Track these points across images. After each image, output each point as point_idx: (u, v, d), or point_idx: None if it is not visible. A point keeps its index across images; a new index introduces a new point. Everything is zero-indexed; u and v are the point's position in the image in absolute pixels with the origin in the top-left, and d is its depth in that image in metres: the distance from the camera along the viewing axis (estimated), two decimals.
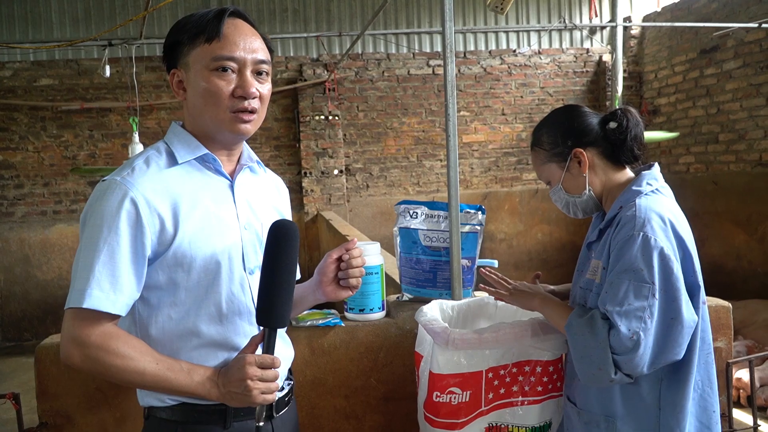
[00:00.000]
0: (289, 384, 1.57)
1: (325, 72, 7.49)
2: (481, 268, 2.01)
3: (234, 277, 1.42)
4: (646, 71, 8.00)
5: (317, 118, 7.50)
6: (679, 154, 7.42)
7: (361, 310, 2.05)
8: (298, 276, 1.70)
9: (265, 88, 1.42)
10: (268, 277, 1.31)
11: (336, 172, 7.62)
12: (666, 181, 1.71)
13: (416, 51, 7.84)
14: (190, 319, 1.38)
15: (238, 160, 1.50)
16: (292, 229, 1.33)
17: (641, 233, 1.52)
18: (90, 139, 7.27)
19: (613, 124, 1.70)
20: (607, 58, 8.05)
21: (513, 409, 1.76)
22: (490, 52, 7.98)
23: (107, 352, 1.29)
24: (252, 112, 1.40)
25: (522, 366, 1.75)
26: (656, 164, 1.74)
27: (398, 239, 2.22)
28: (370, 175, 7.88)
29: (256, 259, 1.45)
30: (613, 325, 1.48)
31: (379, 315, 2.08)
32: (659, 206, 1.58)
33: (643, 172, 1.70)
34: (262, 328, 1.35)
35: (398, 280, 2.30)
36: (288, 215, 1.64)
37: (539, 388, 1.77)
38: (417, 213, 2.19)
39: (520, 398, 1.77)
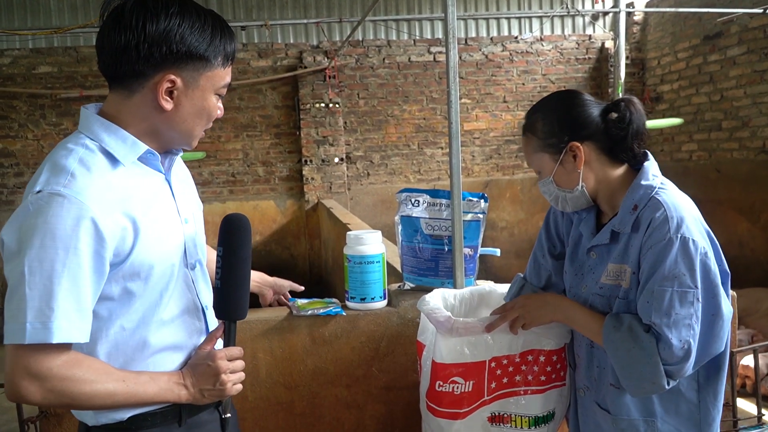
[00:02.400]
0: None
1: (326, 59, 7.44)
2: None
3: (180, 275, 1.36)
4: (649, 58, 7.94)
5: (317, 105, 7.46)
6: (681, 141, 7.38)
7: (363, 299, 2.04)
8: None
9: None
10: (226, 271, 1.31)
11: (336, 160, 7.59)
12: (668, 169, 1.65)
13: (417, 38, 7.78)
14: (144, 327, 1.31)
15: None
16: (245, 222, 1.35)
17: (678, 235, 1.44)
18: None
19: (613, 115, 1.59)
20: (609, 44, 7.99)
21: (516, 398, 1.75)
22: (491, 38, 7.92)
23: (72, 381, 1.19)
24: None
25: (525, 355, 1.73)
26: (650, 153, 1.64)
27: (400, 227, 2.20)
28: (371, 163, 7.84)
29: (196, 253, 1.42)
30: (660, 337, 1.43)
31: (380, 304, 2.07)
32: (682, 201, 1.52)
33: (645, 164, 1.60)
34: (220, 321, 1.36)
35: (399, 269, 2.29)
36: (197, 194, 1.57)
37: (542, 378, 1.75)
38: (419, 201, 2.17)
39: (523, 387, 1.75)
